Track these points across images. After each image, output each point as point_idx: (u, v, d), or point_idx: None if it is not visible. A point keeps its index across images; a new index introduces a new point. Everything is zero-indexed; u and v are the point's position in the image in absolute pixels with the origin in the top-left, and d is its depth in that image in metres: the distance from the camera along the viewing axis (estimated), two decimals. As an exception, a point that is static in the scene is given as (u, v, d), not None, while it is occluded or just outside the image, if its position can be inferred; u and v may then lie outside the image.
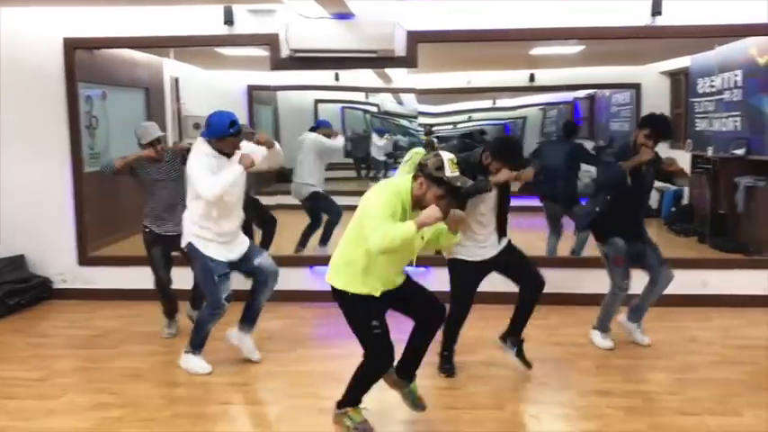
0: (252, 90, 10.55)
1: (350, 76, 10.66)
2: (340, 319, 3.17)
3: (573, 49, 7.64)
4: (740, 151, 7.28)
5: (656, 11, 4.85)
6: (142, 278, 4.92)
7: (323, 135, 7.79)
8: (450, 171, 2.80)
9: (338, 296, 3.08)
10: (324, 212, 6.90)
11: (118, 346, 4.56)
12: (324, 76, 10.53)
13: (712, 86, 8.10)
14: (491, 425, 3.26)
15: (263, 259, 4.10)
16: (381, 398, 3.40)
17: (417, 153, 3.99)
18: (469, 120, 15.20)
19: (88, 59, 6.08)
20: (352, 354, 4.12)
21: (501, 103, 14.30)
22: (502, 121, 15.46)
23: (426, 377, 3.90)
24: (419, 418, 3.37)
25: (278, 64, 5.14)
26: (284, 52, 5.10)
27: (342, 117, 15.18)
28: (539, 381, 3.85)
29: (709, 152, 7.95)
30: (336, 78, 10.72)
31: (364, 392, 3.19)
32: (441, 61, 8.80)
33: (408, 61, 5.15)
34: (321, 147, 7.13)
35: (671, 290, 5.12)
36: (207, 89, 10.17)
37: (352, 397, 3.19)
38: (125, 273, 5.62)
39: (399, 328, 3.22)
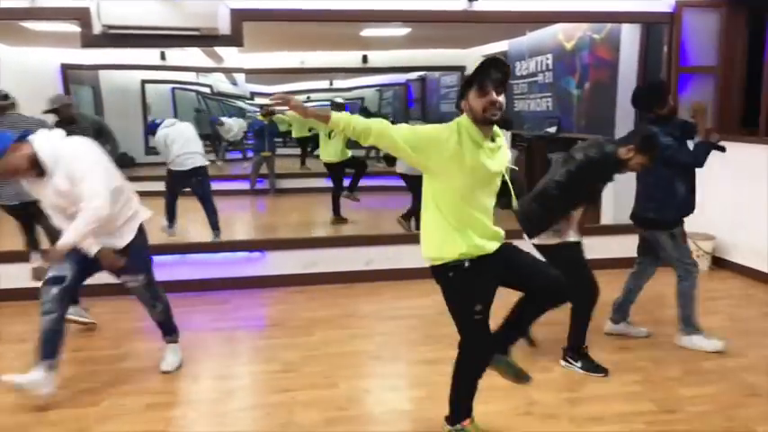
0: (66, 69, 9.75)
1: (178, 56, 10.21)
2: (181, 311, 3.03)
3: (401, 31, 7.86)
4: (552, 129, 7.91)
5: (473, -4, 5.09)
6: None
7: None
8: None
9: (434, 272, 2.66)
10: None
11: None
12: (150, 55, 10.00)
13: (527, 69, 8.71)
14: (325, 404, 3.29)
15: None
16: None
17: None
18: (308, 100, 15.21)
19: None
20: (184, 346, 4.02)
21: (338, 83, 14.47)
22: (340, 102, 15.61)
23: (254, 363, 3.88)
24: (249, 404, 3.34)
25: (89, 41, 4.75)
26: (97, 28, 4.73)
27: (172, 98, 14.50)
28: (371, 355, 3.95)
29: (525, 130, 8.55)
30: (163, 58, 10.22)
31: (472, 396, 2.78)
32: (271, 40, 8.64)
33: (233, 40, 5.00)
34: None
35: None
36: (15, 68, 9.23)
37: (461, 406, 2.78)
38: None
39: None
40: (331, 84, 14.56)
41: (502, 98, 2.43)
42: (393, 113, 14.98)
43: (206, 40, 4.98)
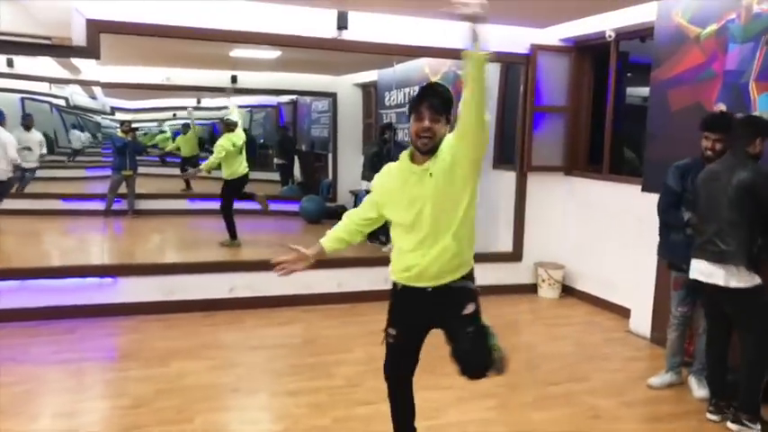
0: None
1: (28, 64, 9.47)
2: (8, 341, 2.74)
3: (271, 53, 7.78)
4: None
5: (342, 25, 5.15)
6: None
7: None
8: None
9: None
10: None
11: None
12: (-7, 61, 9.19)
13: (395, 100, 8.94)
14: (178, 440, 3.12)
15: None
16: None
17: None
18: (174, 117, 14.64)
19: None
20: (20, 381, 3.66)
21: (206, 102, 14.04)
22: (209, 121, 15.21)
23: (101, 398, 3.62)
24: (97, 443, 3.09)
25: None
26: (-71, 29, 4.28)
27: (22, 109, 13.42)
28: (230, 387, 3.80)
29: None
30: (10, 65, 9.44)
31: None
32: (135, 54, 8.27)
33: (89, 52, 4.70)
34: None
35: (360, 287, 5.54)
36: None
37: None
38: None
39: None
40: (199, 102, 14.09)
41: (440, 126, 2.40)
42: (264, 135, 14.81)
43: (58, 50, 4.64)
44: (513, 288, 6.03)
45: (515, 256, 6.07)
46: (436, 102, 2.39)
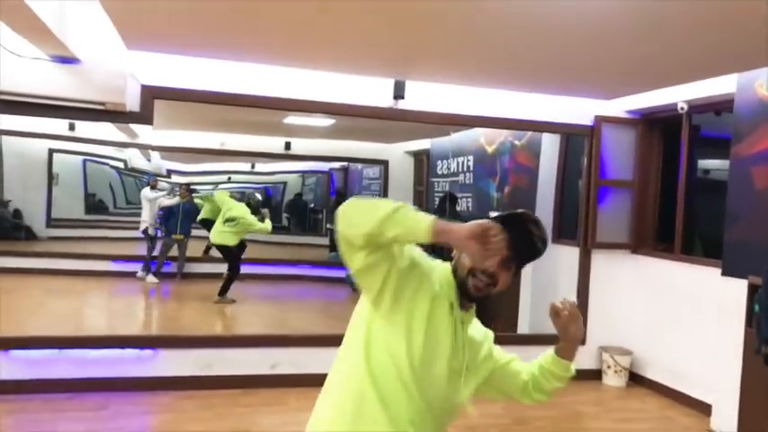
0: (-39, 131, 9.03)
1: (88, 128, 9.69)
2: (31, 416, 2.50)
3: (325, 121, 7.74)
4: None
5: (399, 94, 4.99)
6: None
7: None
8: None
9: None
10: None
11: None
12: (57, 124, 9.44)
13: (449, 169, 8.73)
14: None
15: None
16: None
17: None
18: (229, 180, 14.84)
19: None
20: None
21: (260, 167, 14.20)
22: (262, 185, 15.37)
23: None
24: None
25: (-21, 105, 4.30)
26: (-11, 93, 4.28)
27: (83, 170, 13.81)
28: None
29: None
30: (72, 128, 9.67)
31: None
32: (190, 119, 8.34)
33: (142, 118, 4.66)
34: None
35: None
36: None
37: None
38: None
39: None
40: (253, 167, 14.29)
41: (508, 276, 1.63)
42: (314, 200, 14.81)
43: (112, 115, 4.60)
44: (576, 374, 5.54)
45: (578, 339, 5.61)
46: (523, 249, 1.63)
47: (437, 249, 1.65)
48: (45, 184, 12.14)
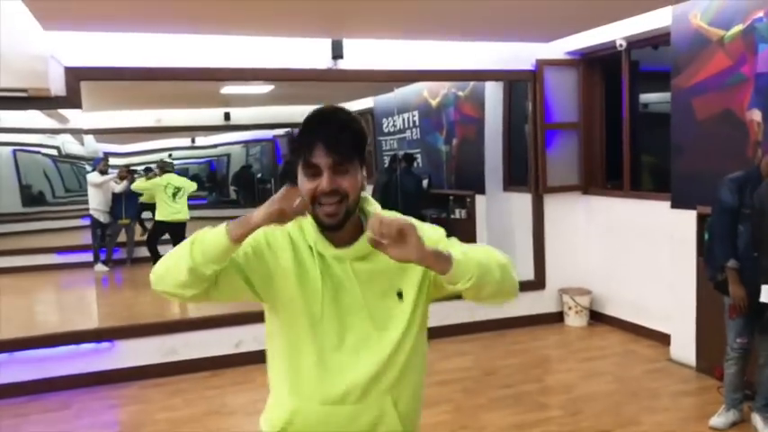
0: None
1: (14, 116, 9.18)
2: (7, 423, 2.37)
3: (263, 88, 7.51)
4: (425, 181, 7.80)
5: (337, 54, 4.84)
6: None
7: None
8: None
9: None
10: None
11: None
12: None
13: (395, 126, 8.64)
14: None
15: None
16: None
17: None
18: (170, 157, 14.40)
19: None
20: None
21: (201, 140, 13.79)
22: (205, 159, 14.97)
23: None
24: None
25: None
26: None
27: (14, 161, 13.17)
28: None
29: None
30: (-6, 118, 9.15)
31: None
32: (122, 97, 7.99)
33: (70, 101, 4.41)
34: None
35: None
36: None
37: None
38: None
39: None
40: (193, 141, 13.86)
41: (352, 179, 1.40)
42: (261, 170, 14.51)
43: (37, 102, 4.33)
44: (538, 318, 5.65)
45: (537, 283, 5.68)
46: (341, 140, 1.39)
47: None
48: (-25, 180, 11.54)
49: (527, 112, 5.75)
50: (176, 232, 7.89)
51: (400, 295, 1.50)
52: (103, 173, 9.59)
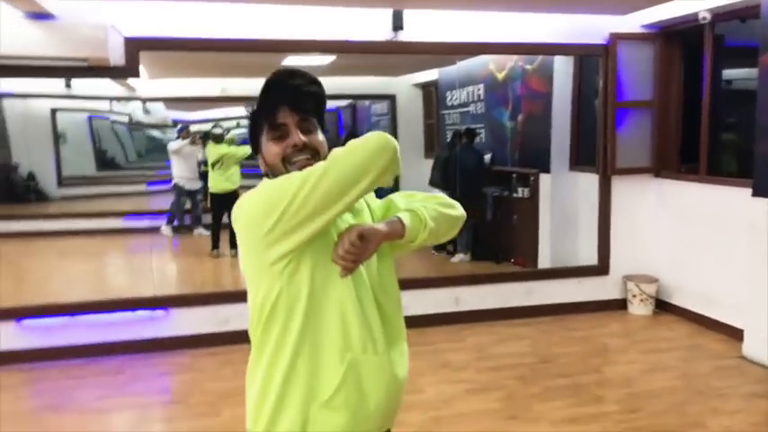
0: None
1: (86, 84, 9.43)
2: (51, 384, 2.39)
3: (325, 59, 7.39)
4: (487, 157, 7.56)
5: (398, 25, 4.67)
6: None
7: None
8: None
9: None
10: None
11: None
12: (54, 84, 9.20)
13: (458, 99, 8.40)
14: None
15: None
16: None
17: None
18: (238, 126, 14.58)
19: None
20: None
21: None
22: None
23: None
24: None
25: (-47, 71, 4.09)
26: (-38, 56, 4.06)
27: (90, 127, 13.61)
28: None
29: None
30: (68, 86, 9.43)
31: None
32: (187, 66, 8.04)
33: (128, 71, 4.42)
34: None
35: (426, 309, 5.07)
36: None
37: None
38: None
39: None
40: (257, 110, 13.96)
41: (319, 136, 1.44)
42: (326, 141, 14.47)
43: (96, 71, 4.36)
44: (600, 305, 5.40)
45: (601, 269, 5.43)
46: (304, 98, 1.43)
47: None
48: (51, 143, 11.98)
49: (598, 88, 5.44)
50: (224, 203, 7.65)
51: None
52: (186, 139, 9.51)
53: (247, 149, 8.04)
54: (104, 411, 3.74)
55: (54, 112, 11.91)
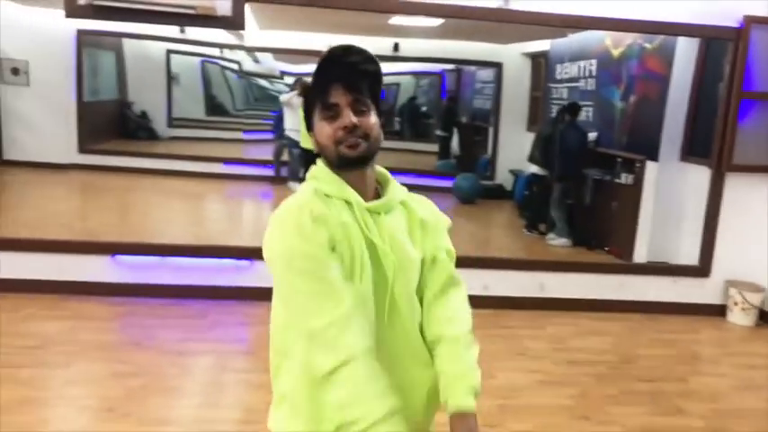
0: (82, 35, 9.29)
1: (198, 29, 9.69)
2: (137, 320, 2.48)
3: (433, 21, 7.21)
4: (592, 135, 7.18)
5: (509, -7, 4.45)
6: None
7: None
8: None
9: None
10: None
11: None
12: (170, 27, 9.49)
13: (568, 73, 8.00)
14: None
15: None
16: None
17: None
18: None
19: None
20: (137, 372, 3.52)
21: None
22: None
23: (209, 407, 3.35)
24: None
25: (74, 11, 4.23)
26: (82, -1, 4.21)
27: (202, 71, 14.06)
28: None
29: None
30: (182, 30, 9.72)
31: None
32: (295, 19, 8.07)
33: (234, 23, 4.43)
34: None
35: (508, 291, 4.93)
36: (27, 30, 8.87)
37: None
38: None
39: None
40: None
41: (372, 119, 1.36)
42: (427, 103, 14.28)
43: (203, 20, 4.41)
44: (695, 308, 5.06)
45: (702, 270, 5.06)
46: (359, 78, 1.35)
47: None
48: (164, 84, 12.49)
49: (723, 74, 4.99)
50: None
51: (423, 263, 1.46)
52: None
53: None
54: (183, 353, 3.88)
55: (169, 53, 12.37)
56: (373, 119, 1.37)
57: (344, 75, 1.33)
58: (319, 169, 1.42)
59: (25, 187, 8.28)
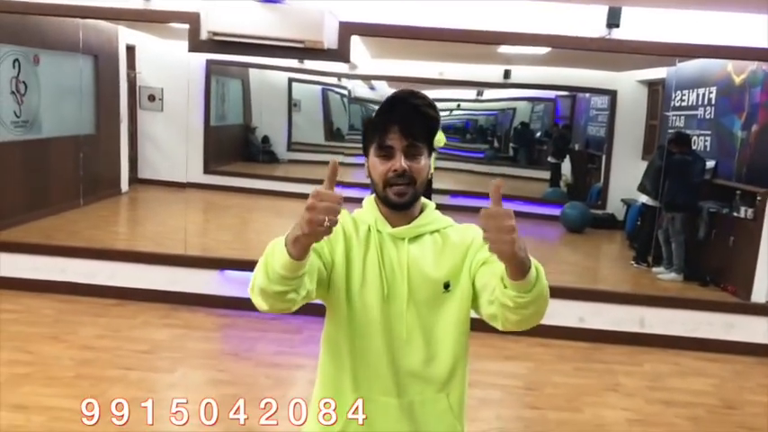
0: (211, 64, 10.05)
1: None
2: (238, 332, 2.71)
3: (541, 49, 7.18)
4: (710, 163, 6.82)
5: (613, 23, 4.39)
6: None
7: None
8: None
9: None
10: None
11: None
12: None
13: (686, 101, 7.68)
14: None
15: None
16: None
17: None
18: (459, 108, 14.81)
19: (19, 20, 5.83)
20: (233, 381, 3.76)
21: (487, 93, 13.88)
22: (490, 112, 15.07)
23: (285, 418, 3.51)
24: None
25: (196, 45, 4.66)
26: (203, 34, 4.62)
27: (322, 99, 14.75)
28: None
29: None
30: (301, 61, 10.26)
31: None
32: (405, 50, 8.31)
33: (340, 55, 4.69)
34: None
35: (604, 325, 4.80)
36: (163, 60, 9.72)
37: None
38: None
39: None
40: (480, 93, 14.01)
41: (422, 162, 1.44)
42: (542, 128, 14.10)
43: (310, 53, 4.70)
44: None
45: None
46: (415, 123, 1.43)
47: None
48: (286, 110, 13.21)
49: None
50: None
51: (446, 286, 1.49)
52: None
53: (443, 137, 8.17)
54: (277, 366, 4.10)
55: (290, 81, 13.09)
56: (423, 161, 1.45)
57: (403, 119, 1.42)
58: (367, 201, 1.57)
59: (154, 204, 9.02)
